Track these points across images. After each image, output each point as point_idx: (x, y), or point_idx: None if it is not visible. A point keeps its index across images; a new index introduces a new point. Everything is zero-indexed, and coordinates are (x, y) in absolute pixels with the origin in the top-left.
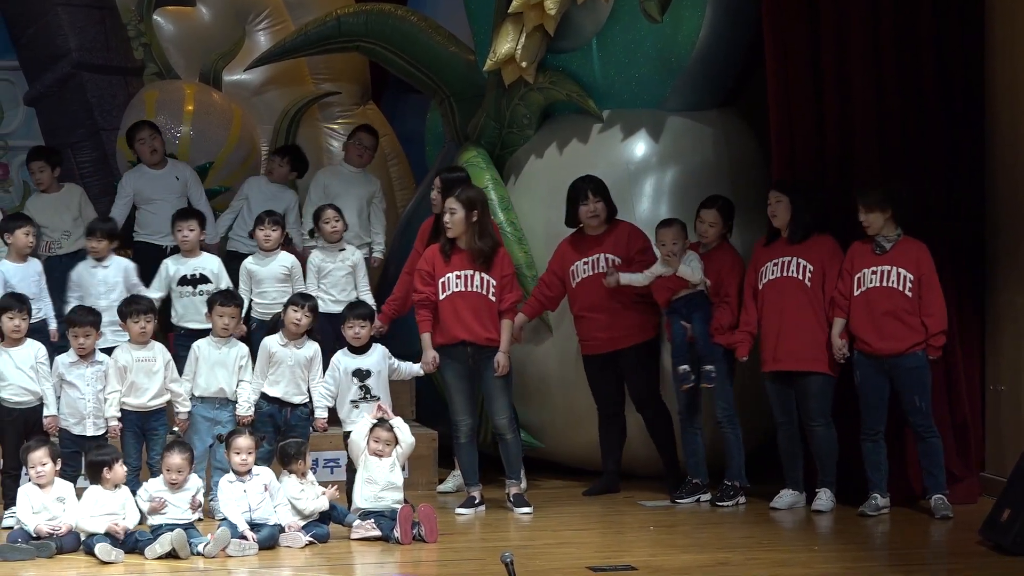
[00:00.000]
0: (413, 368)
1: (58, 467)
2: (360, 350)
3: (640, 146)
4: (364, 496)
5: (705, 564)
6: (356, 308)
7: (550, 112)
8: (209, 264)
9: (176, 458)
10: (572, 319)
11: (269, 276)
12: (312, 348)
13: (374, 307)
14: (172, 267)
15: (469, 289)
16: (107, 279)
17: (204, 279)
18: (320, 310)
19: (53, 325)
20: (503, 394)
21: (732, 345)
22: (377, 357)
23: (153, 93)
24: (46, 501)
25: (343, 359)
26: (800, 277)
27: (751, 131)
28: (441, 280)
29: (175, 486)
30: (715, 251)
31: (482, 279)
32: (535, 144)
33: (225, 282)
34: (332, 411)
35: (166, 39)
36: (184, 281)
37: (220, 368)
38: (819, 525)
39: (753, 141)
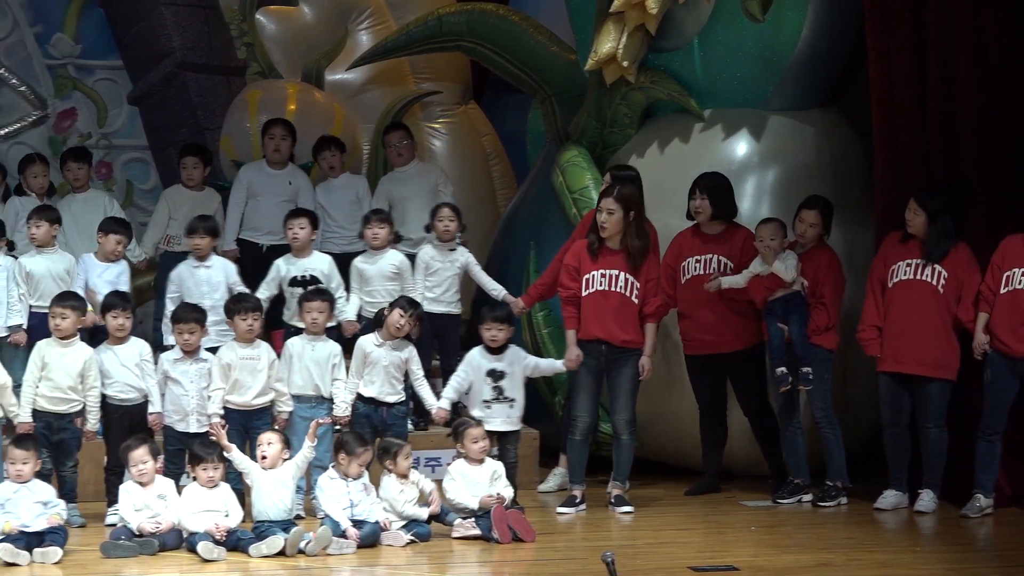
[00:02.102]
0: (555, 364)
1: (159, 464)
2: (496, 351)
3: (741, 146)
4: (469, 503)
5: (807, 565)
6: (494, 310)
7: (651, 111)
8: (319, 264)
9: (270, 433)
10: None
11: (378, 274)
12: (408, 349)
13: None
14: (283, 267)
15: (613, 289)
16: (210, 279)
17: (314, 280)
18: (425, 308)
19: None
20: (630, 396)
21: (861, 344)
22: (512, 358)
23: (256, 92)
24: (147, 499)
25: (479, 359)
26: (934, 282)
27: (853, 130)
28: (585, 277)
29: (265, 461)
30: (812, 251)
31: (627, 280)
32: (636, 144)
33: (336, 281)
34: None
35: (269, 38)
36: (295, 282)
37: (314, 366)
38: (922, 526)
39: (855, 141)
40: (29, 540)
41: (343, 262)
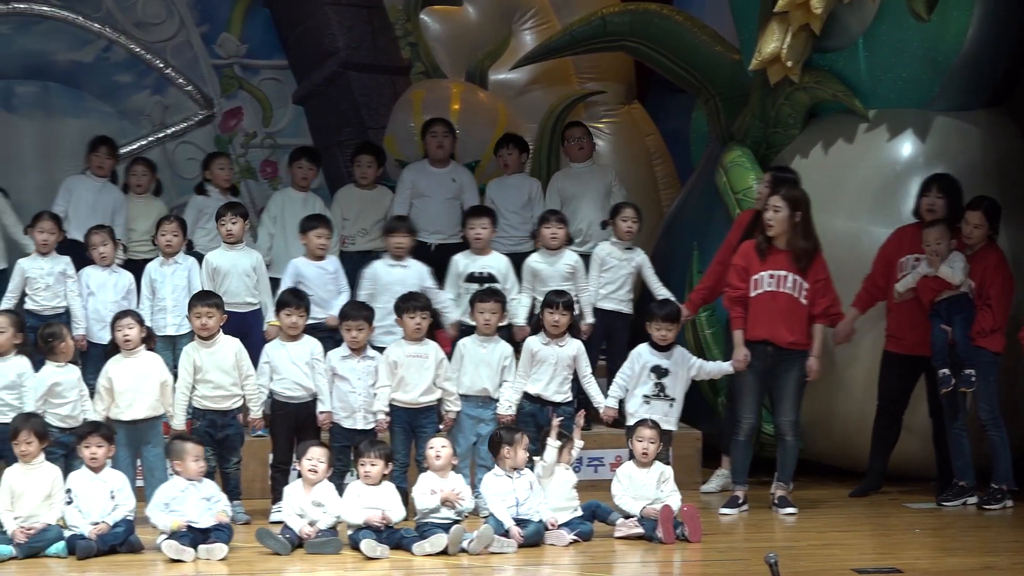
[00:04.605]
0: (723, 366)
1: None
2: (663, 348)
3: (906, 146)
4: (632, 508)
5: (971, 568)
6: (664, 307)
7: (816, 112)
8: (497, 263)
9: (443, 438)
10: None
11: (555, 275)
12: (575, 346)
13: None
14: (462, 263)
15: (781, 289)
16: (404, 279)
17: (492, 277)
18: (596, 305)
19: None
20: (795, 397)
21: (1021, 344)
22: (677, 358)
23: (420, 92)
24: (304, 504)
25: (645, 354)
26: None
27: (1019, 131)
28: (754, 277)
29: (441, 469)
30: (980, 252)
31: (795, 281)
32: (800, 144)
33: (511, 281)
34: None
35: (433, 38)
36: (471, 278)
37: (484, 367)
38: None
39: (1021, 141)
40: (195, 537)
41: (514, 263)
